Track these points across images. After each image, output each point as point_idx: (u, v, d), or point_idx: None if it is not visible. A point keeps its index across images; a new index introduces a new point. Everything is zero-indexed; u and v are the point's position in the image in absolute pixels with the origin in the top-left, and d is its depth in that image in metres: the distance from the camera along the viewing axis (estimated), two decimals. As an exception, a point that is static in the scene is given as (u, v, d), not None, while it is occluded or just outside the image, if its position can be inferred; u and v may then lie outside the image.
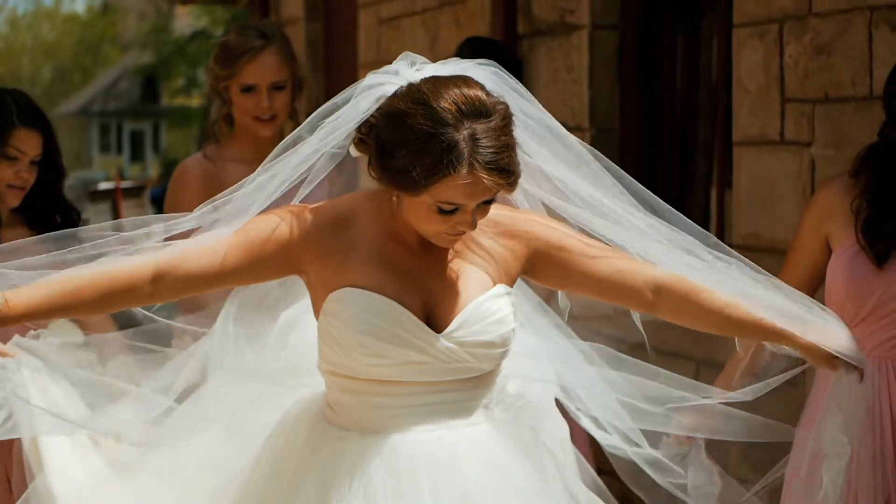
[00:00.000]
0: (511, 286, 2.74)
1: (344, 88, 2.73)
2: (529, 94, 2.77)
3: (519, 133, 2.64)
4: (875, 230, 3.36)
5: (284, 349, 2.96)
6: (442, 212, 2.55)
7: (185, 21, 42.51)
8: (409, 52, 2.71)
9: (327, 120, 2.67)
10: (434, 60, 7.99)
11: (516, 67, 4.98)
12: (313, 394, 2.87)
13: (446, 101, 2.52)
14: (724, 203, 5.58)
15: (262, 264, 2.65)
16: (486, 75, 2.67)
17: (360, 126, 2.63)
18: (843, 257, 3.42)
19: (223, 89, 4.19)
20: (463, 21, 7.10)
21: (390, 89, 2.61)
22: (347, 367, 2.65)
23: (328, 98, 9.46)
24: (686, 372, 3.25)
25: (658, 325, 5.28)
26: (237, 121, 4.22)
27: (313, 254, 2.65)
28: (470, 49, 5.17)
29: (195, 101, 44.19)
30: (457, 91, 2.54)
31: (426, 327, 2.63)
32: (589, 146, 2.82)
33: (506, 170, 2.52)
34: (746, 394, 3.03)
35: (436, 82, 2.58)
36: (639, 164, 5.95)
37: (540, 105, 2.77)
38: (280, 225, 2.65)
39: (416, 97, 2.55)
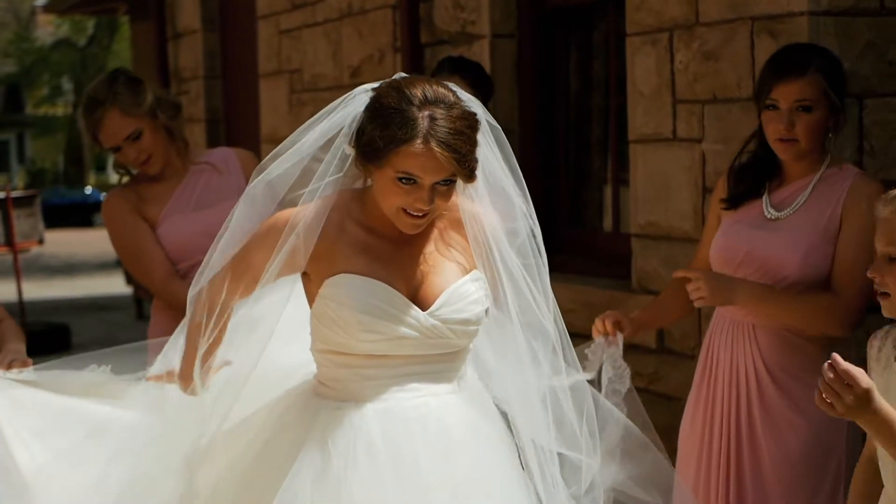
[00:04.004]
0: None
1: (244, 98, 3.00)
2: (507, 151, 3.14)
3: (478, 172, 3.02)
4: (737, 177, 3.93)
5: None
6: (401, 182, 2.90)
7: (47, 29, 41.84)
8: (403, 73, 3.06)
9: (322, 119, 3.04)
10: (336, 70, 8.33)
11: (489, 87, 5.36)
12: (298, 383, 3.17)
13: (416, 89, 2.94)
14: (619, 197, 6.04)
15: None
16: (476, 106, 3.03)
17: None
18: (722, 228, 3.94)
19: (103, 149, 4.52)
20: (365, 32, 7.42)
21: None
22: (344, 344, 2.99)
23: (227, 106, 9.71)
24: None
25: (564, 311, 5.73)
26: None
27: (308, 253, 3.00)
28: (450, 65, 5.39)
29: (60, 110, 43.60)
30: (428, 85, 2.96)
31: (414, 305, 2.99)
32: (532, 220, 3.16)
33: (457, 150, 2.89)
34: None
35: (414, 77, 3.01)
36: (538, 164, 6.37)
37: (507, 170, 3.13)
38: (271, 238, 3.00)
39: (393, 84, 2.98)
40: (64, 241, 26.53)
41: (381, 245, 3.05)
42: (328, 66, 7.86)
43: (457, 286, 3.04)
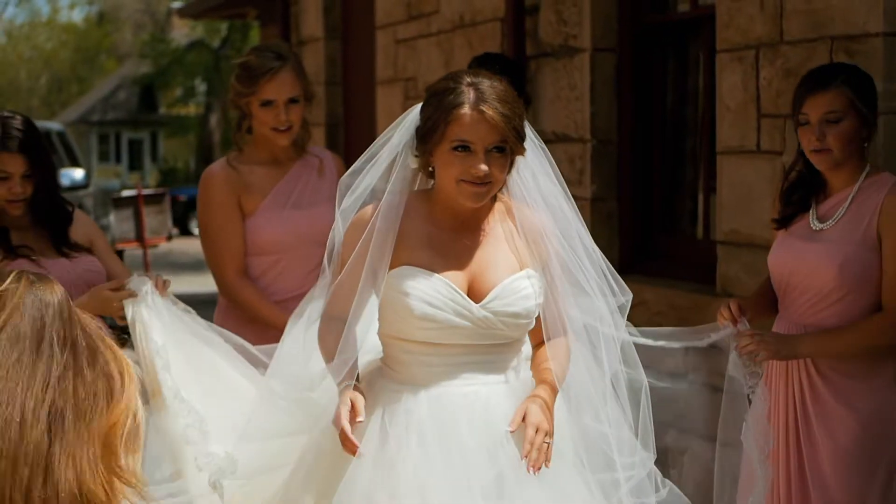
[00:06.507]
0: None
1: (361, 103, 3.32)
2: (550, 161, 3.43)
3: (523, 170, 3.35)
4: (785, 199, 4.18)
5: None
6: (456, 150, 3.19)
7: (182, 31, 42.46)
8: None
9: (392, 132, 3.37)
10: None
11: (521, 73, 5.57)
12: (368, 362, 3.44)
13: (463, 74, 3.30)
14: (710, 205, 6.28)
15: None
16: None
17: None
18: (775, 244, 4.21)
19: (244, 104, 4.63)
20: (475, 42, 7.71)
21: None
22: (403, 330, 3.27)
23: (346, 112, 10.13)
24: (676, 351, 3.98)
25: (652, 313, 5.98)
26: (256, 131, 4.68)
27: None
28: (477, 64, 5.55)
29: (192, 111, 44.38)
30: (474, 73, 3.31)
31: (467, 297, 3.24)
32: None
33: (504, 114, 3.19)
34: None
35: (461, 70, 3.38)
36: (634, 172, 6.65)
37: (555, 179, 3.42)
38: (359, 236, 3.30)
39: (447, 76, 3.34)
40: (193, 239, 27.14)
41: (442, 238, 3.31)
42: (440, 74, 8.12)
43: (509, 281, 3.28)
